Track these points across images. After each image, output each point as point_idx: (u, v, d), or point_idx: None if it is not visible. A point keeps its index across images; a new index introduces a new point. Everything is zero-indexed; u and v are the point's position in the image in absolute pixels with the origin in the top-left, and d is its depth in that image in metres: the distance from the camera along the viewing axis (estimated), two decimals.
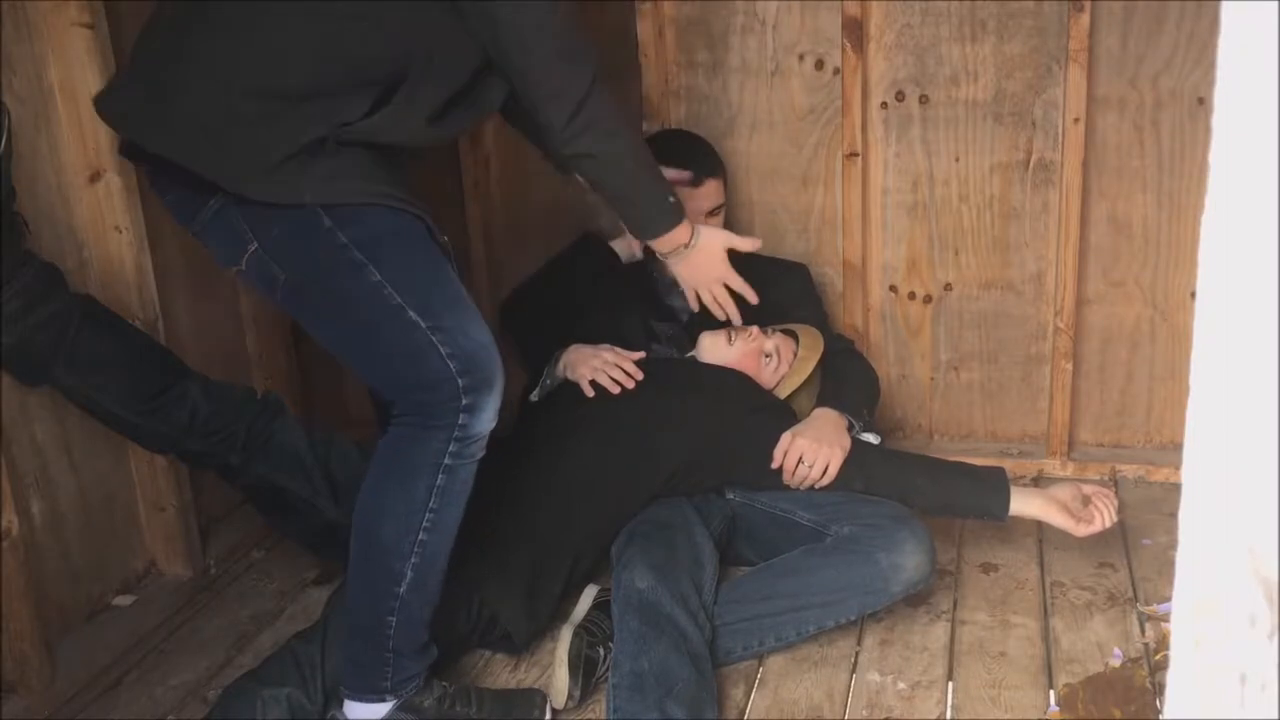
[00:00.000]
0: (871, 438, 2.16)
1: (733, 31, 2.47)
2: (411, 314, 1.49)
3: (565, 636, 1.81)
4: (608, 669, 1.80)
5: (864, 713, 1.77)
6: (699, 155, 2.29)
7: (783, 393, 2.18)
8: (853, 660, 1.90)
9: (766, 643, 1.90)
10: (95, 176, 1.92)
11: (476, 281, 2.70)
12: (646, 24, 2.45)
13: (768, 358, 2.18)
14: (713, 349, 2.16)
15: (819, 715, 1.77)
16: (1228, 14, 0.48)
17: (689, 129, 2.49)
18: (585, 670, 1.79)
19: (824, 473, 1.99)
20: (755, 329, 2.17)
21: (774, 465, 2.01)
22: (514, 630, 1.86)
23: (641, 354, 2.14)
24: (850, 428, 2.09)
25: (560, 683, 1.77)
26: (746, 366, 2.16)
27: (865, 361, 2.39)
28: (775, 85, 2.48)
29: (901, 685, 1.83)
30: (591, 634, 1.83)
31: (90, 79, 1.87)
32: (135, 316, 1.97)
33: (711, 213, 2.26)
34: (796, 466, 2.00)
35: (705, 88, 2.51)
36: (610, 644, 1.82)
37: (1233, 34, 0.48)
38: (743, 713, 1.80)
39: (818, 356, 2.21)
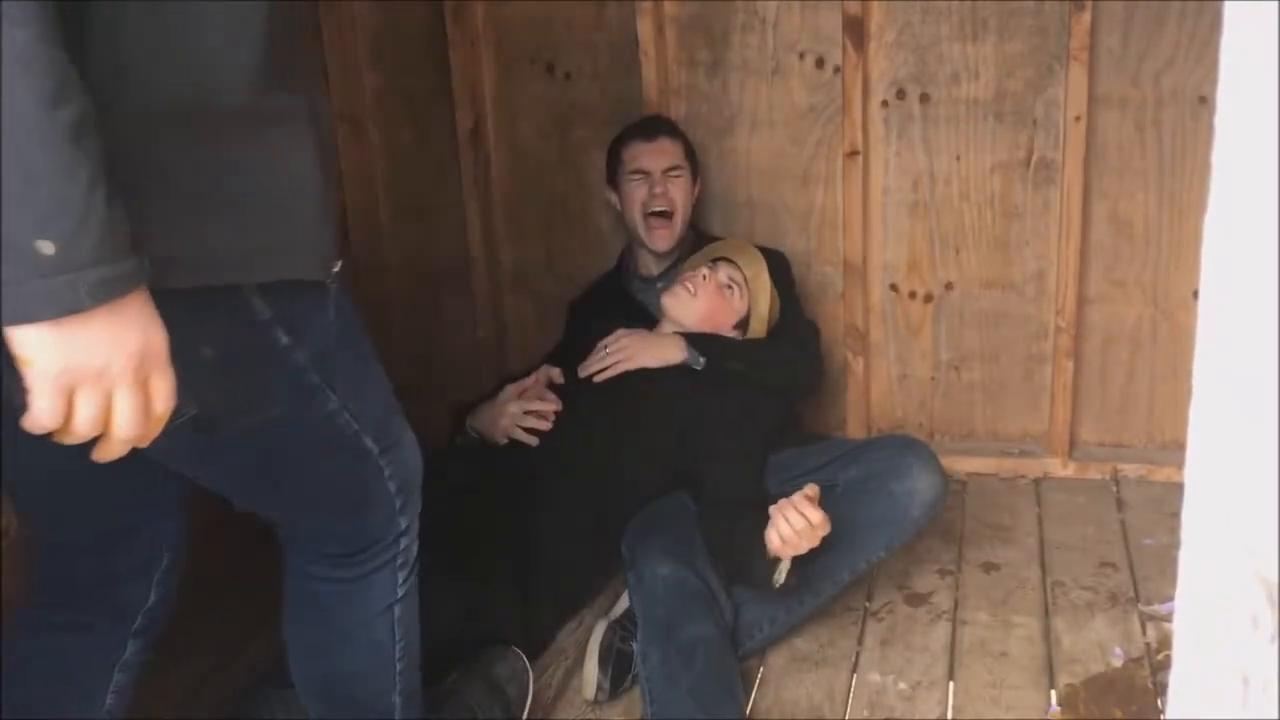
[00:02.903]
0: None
1: (733, 30, 2.47)
2: (367, 440, 1.22)
3: (599, 630, 1.83)
4: None
5: (865, 713, 1.77)
6: (650, 118, 2.39)
7: (759, 318, 2.20)
8: (854, 660, 1.90)
9: (806, 601, 1.90)
10: None
11: (476, 281, 2.70)
12: (646, 22, 2.44)
13: (728, 289, 2.18)
14: (679, 306, 2.15)
15: (820, 715, 1.77)
16: (1230, 13, 0.47)
17: (689, 127, 2.49)
18: (617, 664, 1.79)
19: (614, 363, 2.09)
20: (702, 269, 2.18)
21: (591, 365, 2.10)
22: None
23: (533, 379, 2.13)
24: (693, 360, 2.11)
25: (590, 674, 1.78)
26: (717, 308, 2.15)
27: (800, 358, 2.30)
28: (776, 84, 2.47)
29: (902, 685, 1.83)
30: (626, 630, 1.83)
31: None
32: None
33: (669, 172, 2.30)
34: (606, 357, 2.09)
35: (705, 86, 2.51)
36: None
37: (1235, 33, 0.47)
38: (744, 712, 1.80)
39: (764, 266, 2.23)
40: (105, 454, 0.93)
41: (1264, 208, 0.47)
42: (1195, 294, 2.18)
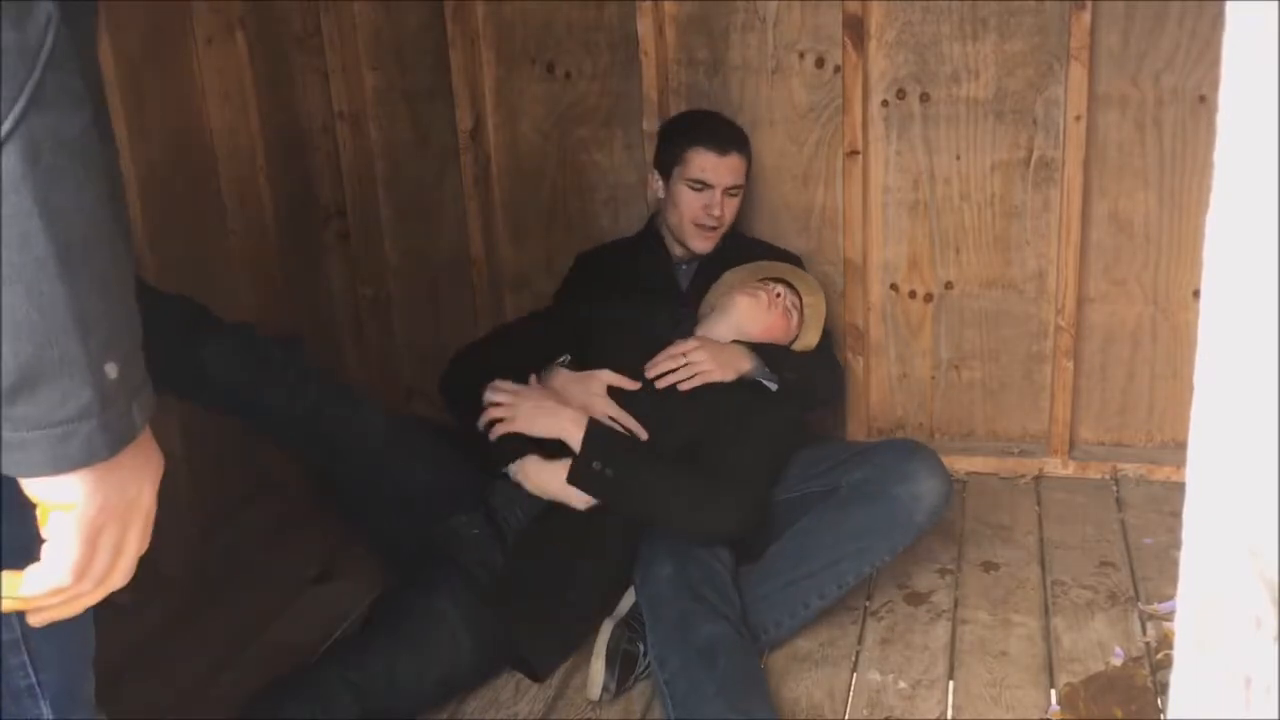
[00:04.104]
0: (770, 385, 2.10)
1: (733, 29, 2.46)
2: (44, 708, 0.89)
3: (605, 629, 1.82)
4: (649, 665, 1.80)
5: (865, 712, 1.77)
6: (726, 128, 2.30)
7: (805, 348, 2.17)
8: (853, 659, 1.90)
9: (812, 604, 1.90)
10: None
11: (476, 281, 2.70)
12: (646, 21, 2.44)
13: (790, 313, 2.15)
14: (752, 312, 2.09)
15: (820, 715, 1.77)
16: (1231, 12, 0.47)
17: None
18: (623, 664, 1.79)
19: (688, 376, 2.00)
20: (780, 288, 2.13)
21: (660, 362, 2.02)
22: (538, 665, 1.87)
23: (636, 385, 2.03)
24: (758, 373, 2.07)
25: (596, 674, 1.77)
26: (781, 327, 2.12)
27: (833, 372, 2.34)
28: (776, 83, 2.47)
29: (902, 684, 1.83)
30: (633, 629, 1.83)
31: None
32: None
33: (729, 190, 2.24)
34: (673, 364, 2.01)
35: (705, 86, 2.51)
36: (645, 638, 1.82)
37: (1237, 32, 0.47)
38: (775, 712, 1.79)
39: (823, 298, 2.22)
40: (73, 609, 0.78)
41: (1265, 207, 0.47)
42: (1196, 293, 2.17)
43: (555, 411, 1.92)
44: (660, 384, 2.02)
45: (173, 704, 1.83)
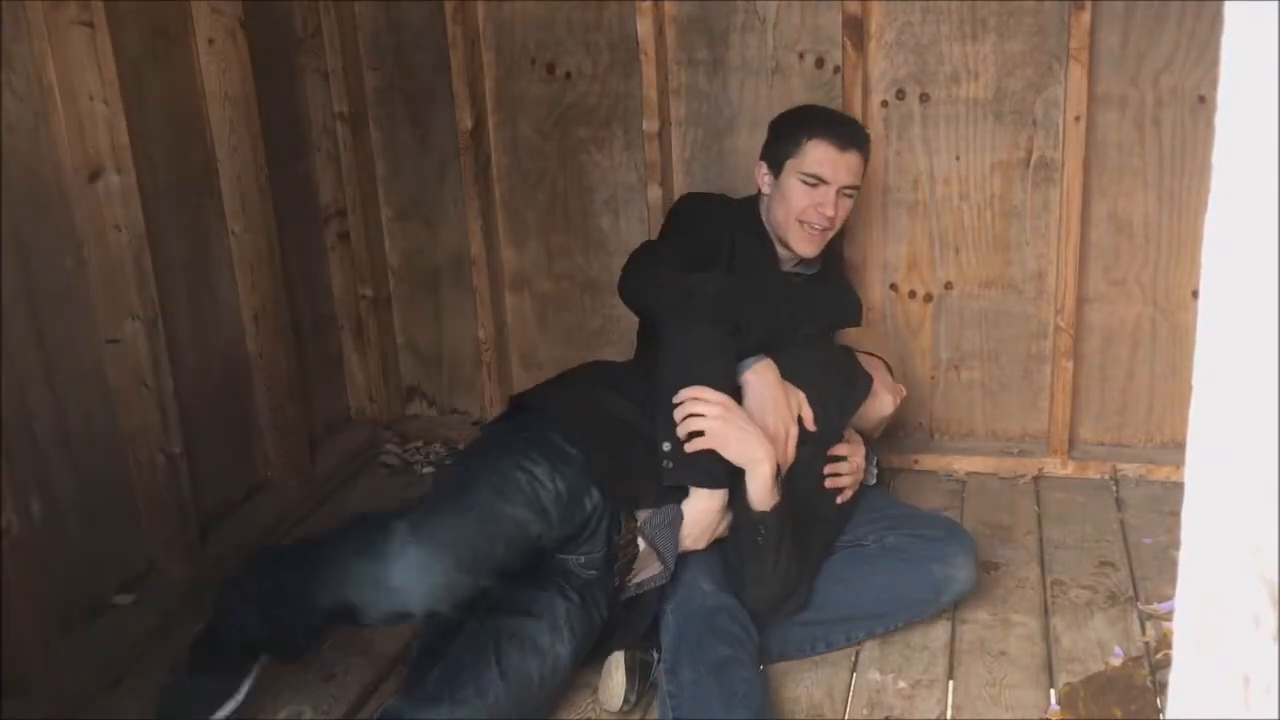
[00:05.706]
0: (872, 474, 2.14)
1: (733, 30, 2.47)
2: None
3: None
4: (659, 668, 1.79)
5: (864, 712, 1.77)
6: (849, 123, 2.17)
7: (875, 433, 2.20)
8: (853, 659, 1.90)
9: (817, 648, 1.91)
10: (95, 175, 1.92)
11: (475, 281, 2.70)
12: (646, 22, 2.44)
13: None
14: (881, 407, 2.10)
15: (819, 714, 1.77)
16: (1230, 13, 0.48)
17: (689, 127, 2.48)
18: (640, 674, 1.78)
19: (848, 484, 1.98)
20: (901, 387, 2.16)
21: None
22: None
23: (814, 429, 1.91)
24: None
25: (618, 687, 1.76)
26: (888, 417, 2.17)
27: None
28: (775, 84, 2.47)
29: (902, 684, 1.83)
30: (645, 637, 1.82)
31: (89, 78, 1.87)
32: (135, 316, 1.97)
33: (845, 190, 2.09)
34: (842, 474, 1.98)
35: (705, 86, 2.51)
36: (659, 648, 1.81)
37: (1235, 33, 0.47)
38: None
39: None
40: None
41: (1264, 207, 0.47)
42: (1195, 293, 2.18)
43: (755, 444, 1.75)
44: (831, 485, 1.96)
45: None
